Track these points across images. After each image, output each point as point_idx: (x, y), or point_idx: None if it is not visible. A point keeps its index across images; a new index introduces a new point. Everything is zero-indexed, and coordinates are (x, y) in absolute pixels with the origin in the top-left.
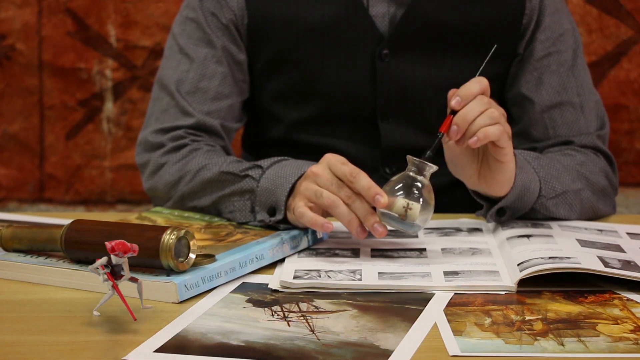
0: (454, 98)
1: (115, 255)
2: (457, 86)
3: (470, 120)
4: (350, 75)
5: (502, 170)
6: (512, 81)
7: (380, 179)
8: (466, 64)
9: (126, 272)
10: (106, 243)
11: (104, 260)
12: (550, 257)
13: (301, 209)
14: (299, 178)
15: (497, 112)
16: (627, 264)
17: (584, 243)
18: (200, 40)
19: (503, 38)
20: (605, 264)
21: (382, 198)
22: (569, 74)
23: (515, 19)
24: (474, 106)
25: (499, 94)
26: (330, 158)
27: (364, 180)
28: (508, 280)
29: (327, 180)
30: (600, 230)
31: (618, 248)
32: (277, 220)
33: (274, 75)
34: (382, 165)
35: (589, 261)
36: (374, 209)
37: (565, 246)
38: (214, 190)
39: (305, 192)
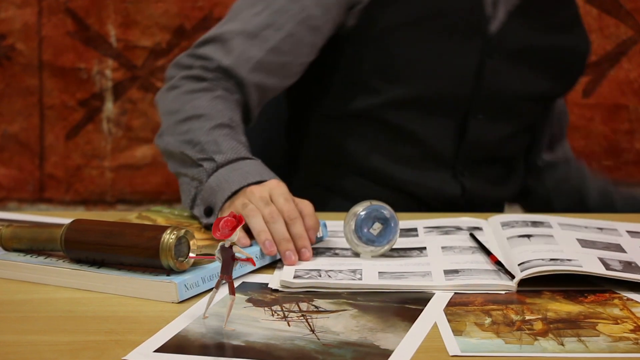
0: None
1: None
2: (545, 94)
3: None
4: (457, 65)
5: None
6: None
7: (453, 179)
8: (551, 77)
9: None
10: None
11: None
12: (551, 259)
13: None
14: (242, 187)
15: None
16: (628, 265)
17: (584, 243)
18: None
19: (571, 67)
20: (607, 266)
21: (308, 253)
22: None
23: (582, 55)
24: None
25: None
26: (274, 185)
27: (299, 227)
28: (508, 279)
29: (258, 198)
30: (601, 229)
31: (619, 247)
32: (209, 222)
33: (380, 49)
34: (459, 161)
35: (590, 263)
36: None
37: (566, 247)
38: (177, 163)
39: (236, 206)
